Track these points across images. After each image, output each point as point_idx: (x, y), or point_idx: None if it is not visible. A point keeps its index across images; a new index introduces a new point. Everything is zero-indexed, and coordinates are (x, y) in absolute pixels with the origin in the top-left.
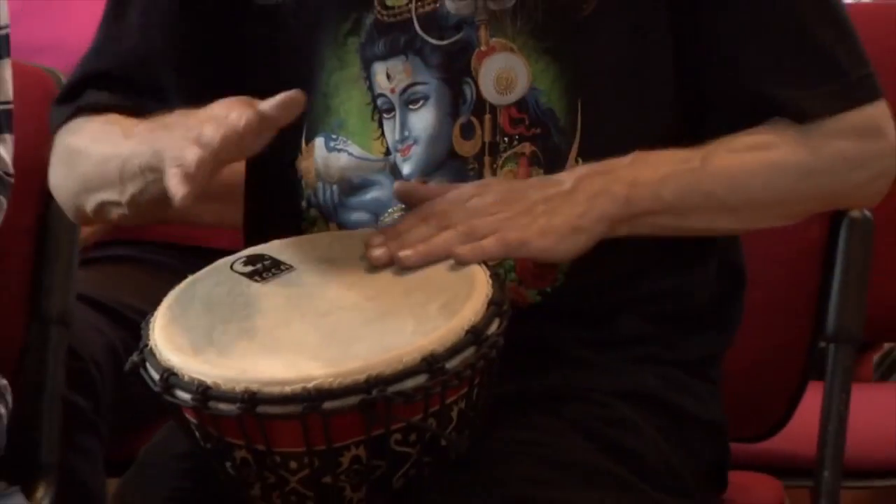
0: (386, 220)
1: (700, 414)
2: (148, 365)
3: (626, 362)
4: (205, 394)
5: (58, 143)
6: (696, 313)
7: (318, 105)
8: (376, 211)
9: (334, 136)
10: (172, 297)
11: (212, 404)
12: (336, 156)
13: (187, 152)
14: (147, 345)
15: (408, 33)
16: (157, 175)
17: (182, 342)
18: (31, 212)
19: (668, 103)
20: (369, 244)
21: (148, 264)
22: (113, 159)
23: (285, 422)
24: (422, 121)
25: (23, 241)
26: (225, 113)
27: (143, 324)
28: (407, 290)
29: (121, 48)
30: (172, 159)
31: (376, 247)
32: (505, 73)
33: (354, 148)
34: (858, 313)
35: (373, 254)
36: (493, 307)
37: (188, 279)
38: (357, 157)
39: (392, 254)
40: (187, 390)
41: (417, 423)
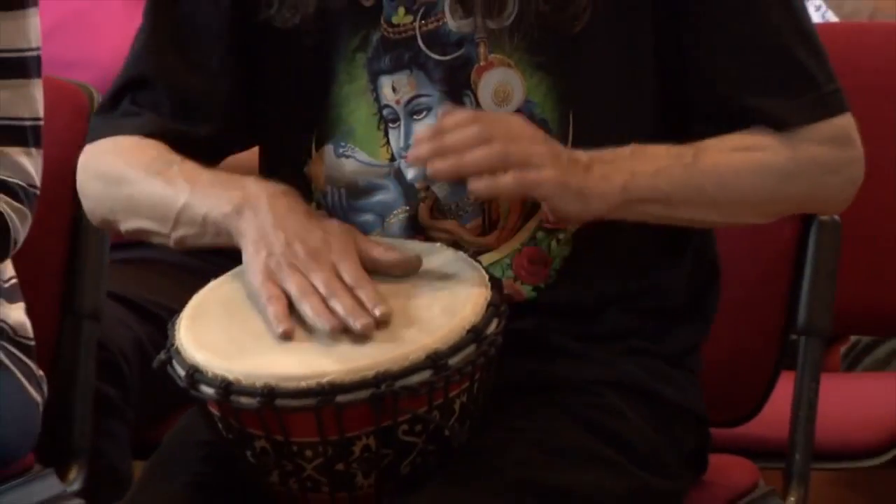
0: (391, 221)
1: (681, 402)
2: (174, 362)
3: (613, 354)
4: (227, 389)
5: (95, 156)
6: (675, 307)
7: (329, 115)
8: (382, 213)
9: (343, 144)
10: (196, 301)
11: (234, 398)
12: (344, 161)
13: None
14: (173, 344)
15: (412, 49)
16: (219, 229)
17: (206, 342)
18: (65, 216)
19: (654, 114)
20: (418, 138)
21: (172, 265)
22: (171, 199)
23: (301, 414)
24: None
25: (57, 243)
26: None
27: (169, 325)
28: (412, 292)
29: (163, 57)
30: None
31: (424, 142)
32: (502, 86)
33: (361, 154)
34: (827, 309)
35: (418, 150)
36: (492, 308)
37: (210, 284)
38: (364, 163)
39: (432, 153)
40: (211, 385)
41: (423, 415)
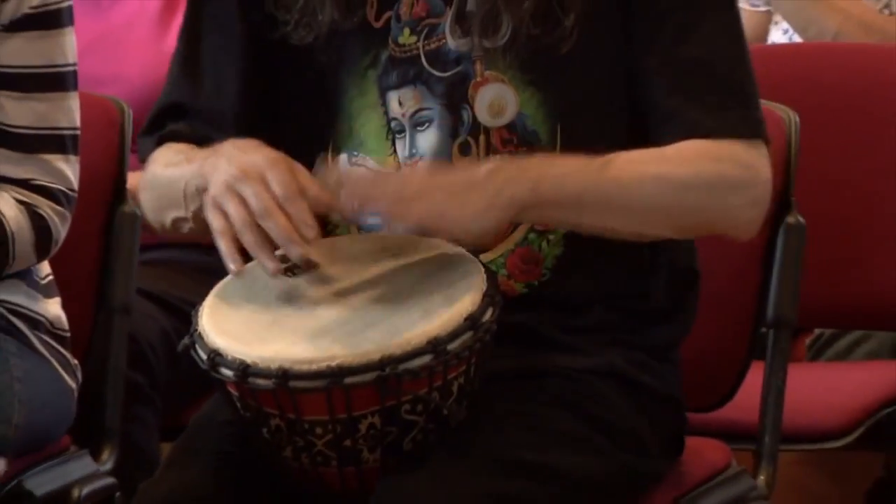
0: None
1: (661, 389)
2: (197, 347)
3: (600, 346)
4: (245, 371)
5: (146, 171)
6: (653, 310)
7: (342, 127)
8: None
9: (355, 153)
10: (217, 290)
11: (251, 380)
12: (356, 169)
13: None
14: (196, 330)
15: (416, 66)
16: (204, 187)
17: (226, 328)
18: (98, 219)
19: (628, 126)
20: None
21: (195, 264)
22: (178, 181)
23: (312, 394)
24: (427, 140)
25: (92, 243)
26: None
27: (192, 312)
28: (414, 283)
29: (193, 84)
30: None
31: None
32: (497, 100)
33: (371, 163)
34: (793, 303)
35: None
36: (488, 298)
37: (230, 275)
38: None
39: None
40: (230, 368)
41: (423, 395)
